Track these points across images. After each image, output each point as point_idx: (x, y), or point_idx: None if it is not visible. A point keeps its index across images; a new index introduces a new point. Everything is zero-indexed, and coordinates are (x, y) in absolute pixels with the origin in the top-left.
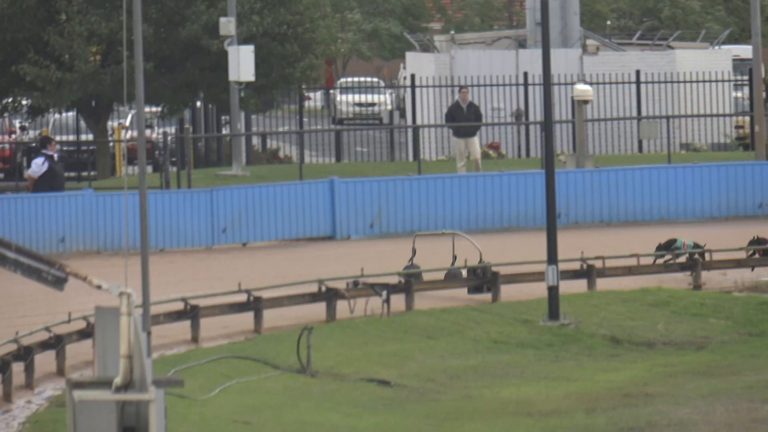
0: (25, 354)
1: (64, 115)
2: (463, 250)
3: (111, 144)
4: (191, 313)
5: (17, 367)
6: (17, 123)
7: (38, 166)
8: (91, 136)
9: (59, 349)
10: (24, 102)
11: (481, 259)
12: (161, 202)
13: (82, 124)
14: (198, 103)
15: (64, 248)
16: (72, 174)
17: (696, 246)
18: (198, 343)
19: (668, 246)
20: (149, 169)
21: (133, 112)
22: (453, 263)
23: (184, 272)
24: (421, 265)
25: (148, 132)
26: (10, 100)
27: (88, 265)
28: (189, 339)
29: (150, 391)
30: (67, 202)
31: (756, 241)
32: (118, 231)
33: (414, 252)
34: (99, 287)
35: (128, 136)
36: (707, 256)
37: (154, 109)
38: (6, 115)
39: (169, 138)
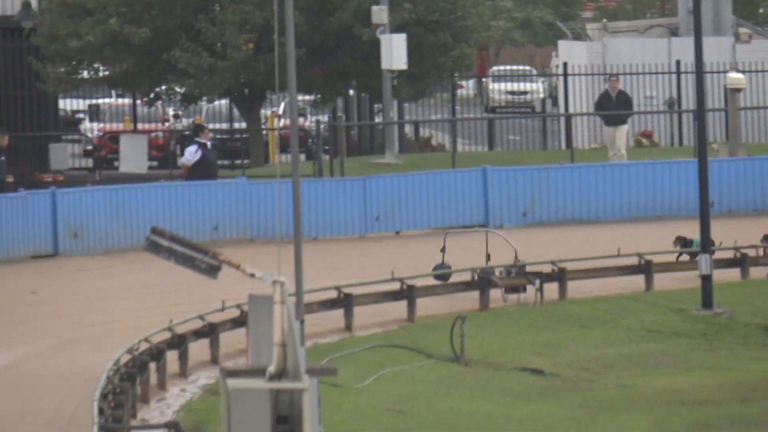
0: (179, 342)
1: (217, 103)
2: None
3: (264, 132)
4: (345, 302)
5: (171, 356)
6: (171, 111)
7: (191, 154)
8: (244, 124)
9: (213, 337)
10: (177, 90)
11: (516, 258)
12: (314, 190)
13: (236, 112)
14: (351, 92)
15: (217, 236)
16: (225, 162)
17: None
18: (351, 331)
19: (685, 244)
20: (302, 157)
21: (285, 100)
22: (487, 262)
23: (338, 260)
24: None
25: (301, 120)
26: (163, 88)
27: (241, 254)
28: (342, 327)
29: (304, 379)
30: (221, 190)
31: None
32: (272, 219)
33: (444, 250)
34: (252, 275)
35: (281, 124)
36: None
37: (306, 97)
38: (159, 103)
39: (322, 126)
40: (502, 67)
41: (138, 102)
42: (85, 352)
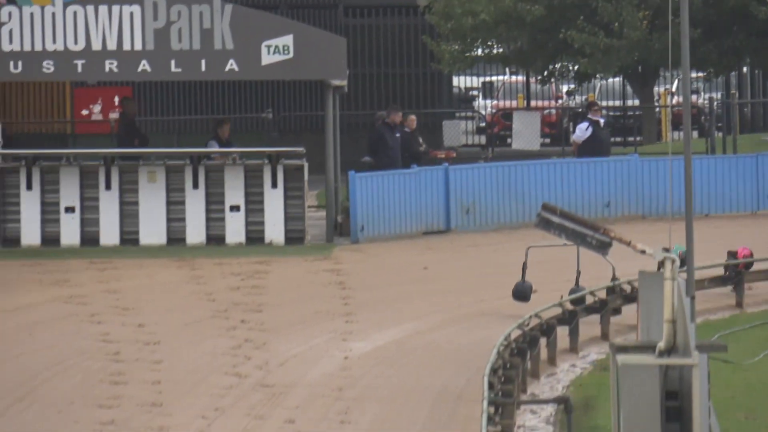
0: (569, 318)
1: (610, 80)
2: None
3: (657, 109)
4: (735, 278)
5: (562, 331)
6: (564, 88)
7: (582, 131)
8: (636, 102)
9: (603, 313)
10: (571, 68)
11: (614, 276)
12: (706, 167)
13: (629, 89)
14: (744, 69)
15: (609, 213)
16: (618, 139)
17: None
18: (742, 308)
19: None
20: (694, 134)
21: (679, 77)
22: (577, 281)
23: (729, 237)
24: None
25: (693, 97)
26: (557, 65)
27: (632, 230)
28: (733, 304)
29: (693, 355)
30: (613, 167)
31: None
32: (663, 196)
33: (525, 267)
34: (643, 252)
35: (674, 101)
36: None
37: (699, 74)
38: (553, 80)
39: (715, 104)
40: None
41: (531, 79)
42: (475, 327)
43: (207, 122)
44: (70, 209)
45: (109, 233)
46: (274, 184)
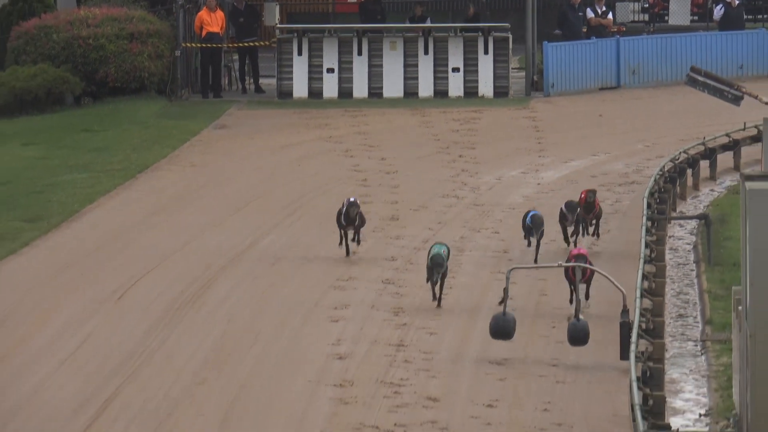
0: (710, 153)
1: None
2: None
3: None
4: None
5: (704, 164)
6: None
7: (717, 12)
8: None
9: (736, 150)
10: None
11: (624, 307)
12: None
13: None
14: None
15: (741, 73)
16: (749, 17)
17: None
18: None
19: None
20: None
21: None
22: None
23: None
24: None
25: None
26: None
27: (759, 87)
28: None
29: None
30: (745, 38)
31: None
32: None
33: (506, 294)
34: (767, 104)
35: None
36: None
37: None
38: None
39: None
40: None
41: None
42: (638, 161)
43: (436, 3)
44: (330, 70)
45: (360, 88)
46: (486, 51)
